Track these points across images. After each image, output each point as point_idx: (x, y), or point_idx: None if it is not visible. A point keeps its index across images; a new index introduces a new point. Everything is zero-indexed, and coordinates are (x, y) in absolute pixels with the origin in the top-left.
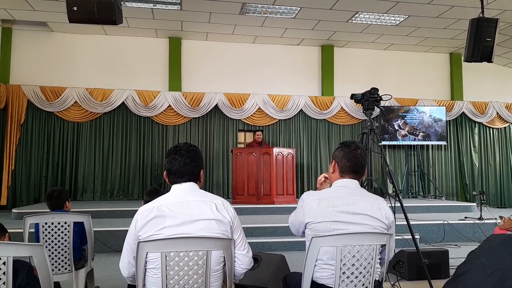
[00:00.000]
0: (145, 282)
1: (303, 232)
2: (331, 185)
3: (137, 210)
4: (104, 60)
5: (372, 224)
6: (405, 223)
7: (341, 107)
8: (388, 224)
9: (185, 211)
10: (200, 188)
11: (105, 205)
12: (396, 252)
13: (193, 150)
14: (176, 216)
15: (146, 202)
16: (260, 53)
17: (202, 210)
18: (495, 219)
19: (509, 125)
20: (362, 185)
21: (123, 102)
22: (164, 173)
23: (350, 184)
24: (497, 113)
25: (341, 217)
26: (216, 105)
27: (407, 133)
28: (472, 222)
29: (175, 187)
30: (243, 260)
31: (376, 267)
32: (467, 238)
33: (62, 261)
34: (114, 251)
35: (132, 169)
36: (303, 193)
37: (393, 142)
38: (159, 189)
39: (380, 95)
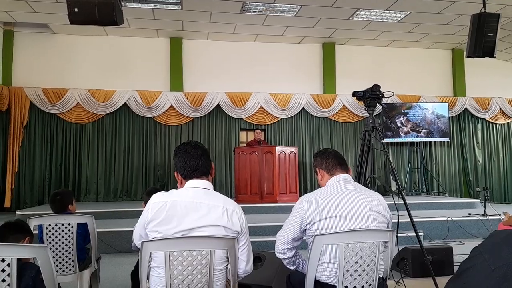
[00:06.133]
0: (149, 282)
1: (304, 233)
2: None
3: (141, 210)
4: (105, 61)
5: (375, 217)
6: (409, 220)
7: (343, 105)
8: (387, 216)
9: (197, 215)
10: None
11: (108, 206)
12: (400, 249)
13: (201, 144)
14: (185, 221)
15: (146, 202)
16: (261, 51)
17: (213, 216)
18: (499, 215)
19: None
20: (365, 182)
21: (125, 103)
22: (175, 173)
23: (346, 178)
24: (500, 108)
25: (341, 211)
26: (218, 104)
27: (409, 130)
28: (476, 218)
29: (191, 183)
30: (241, 265)
31: (380, 263)
32: (471, 234)
33: (66, 262)
34: (118, 252)
35: (135, 169)
36: (298, 200)
37: (395, 139)
38: (160, 189)
39: (382, 92)
